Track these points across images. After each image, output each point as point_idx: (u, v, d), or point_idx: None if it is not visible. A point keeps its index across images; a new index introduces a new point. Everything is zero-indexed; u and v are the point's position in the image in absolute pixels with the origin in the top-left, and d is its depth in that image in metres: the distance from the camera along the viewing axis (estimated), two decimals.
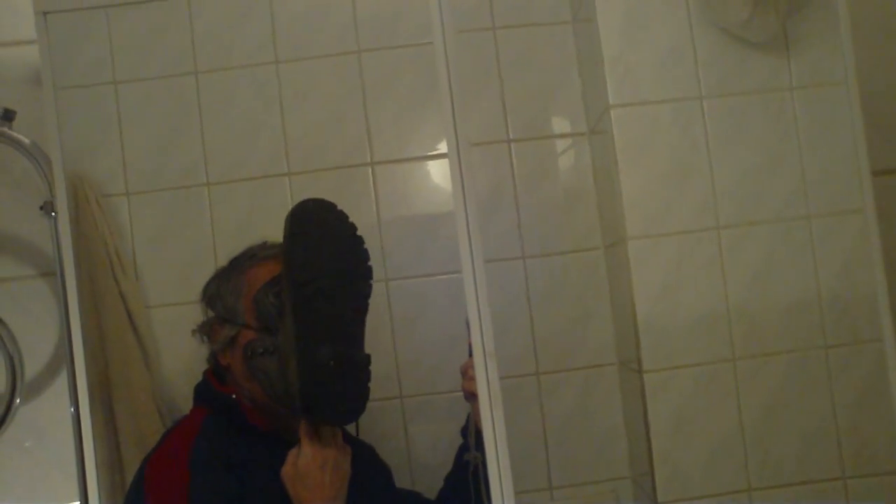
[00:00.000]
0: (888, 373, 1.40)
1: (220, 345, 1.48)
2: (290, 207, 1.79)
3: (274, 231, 1.71)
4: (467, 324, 1.56)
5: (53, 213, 1.54)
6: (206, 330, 1.52)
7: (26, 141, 1.54)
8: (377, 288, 1.78)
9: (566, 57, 1.89)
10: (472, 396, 1.52)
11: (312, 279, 1.37)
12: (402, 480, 1.76)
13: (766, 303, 1.66)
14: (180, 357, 1.71)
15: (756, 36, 1.66)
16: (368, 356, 1.44)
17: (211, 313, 1.52)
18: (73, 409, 1.45)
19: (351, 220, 1.46)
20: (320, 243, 1.41)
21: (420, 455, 1.82)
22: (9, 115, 1.56)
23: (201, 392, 1.51)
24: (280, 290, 1.41)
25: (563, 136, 1.89)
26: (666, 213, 1.66)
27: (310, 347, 1.35)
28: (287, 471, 1.36)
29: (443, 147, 1.87)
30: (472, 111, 1.86)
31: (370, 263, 1.46)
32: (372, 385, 1.79)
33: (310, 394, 1.34)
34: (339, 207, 1.47)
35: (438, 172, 1.87)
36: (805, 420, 1.65)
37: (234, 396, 1.45)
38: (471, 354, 1.53)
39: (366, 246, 1.46)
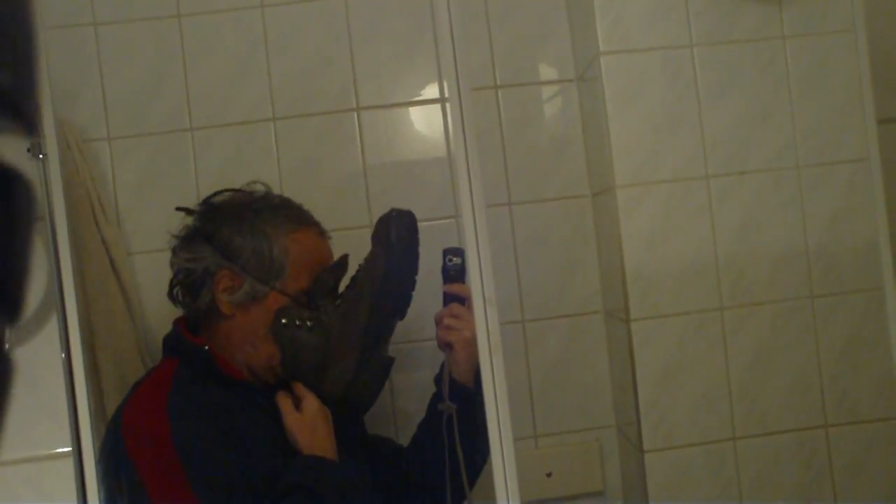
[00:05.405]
0: (888, 322, 1.40)
1: (234, 294, 1.43)
2: (275, 153, 1.79)
3: (258, 176, 1.69)
4: (443, 272, 1.57)
5: (42, 155, 1.50)
6: (210, 272, 1.45)
7: None
8: (361, 234, 1.77)
9: (555, 2, 1.86)
10: (446, 346, 1.54)
11: (404, 294, 1.48)
12: (384, 428, 1.77)
13: (754, 252, 1.66)
14: (163, 304, 1.68)
15: None
16: (392, 358, 1.53)
17: (201, 251, 1.46)
18: (63, 356, 1.44)
19: None
20: (414, 261, 1.49)
21: (402, 403, 1.83)
22: None
23: (172, 343, 1.50)
24: (336, 277, 1.50)
25: (551, 82, 1.87)
26: (655, 162, 1.65)
27: (377, 347, 1.46)
28: (295, 419, 1.41)
29: (429, 93, 1.85)
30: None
31: None
32: None
33: (368, 387, 1.46)
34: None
35: (423, 119, 1.85)
36: (790, 369, 1.66)
37: (206, 348, 1.44)
38: (446, 303, 1.55)
39: None
